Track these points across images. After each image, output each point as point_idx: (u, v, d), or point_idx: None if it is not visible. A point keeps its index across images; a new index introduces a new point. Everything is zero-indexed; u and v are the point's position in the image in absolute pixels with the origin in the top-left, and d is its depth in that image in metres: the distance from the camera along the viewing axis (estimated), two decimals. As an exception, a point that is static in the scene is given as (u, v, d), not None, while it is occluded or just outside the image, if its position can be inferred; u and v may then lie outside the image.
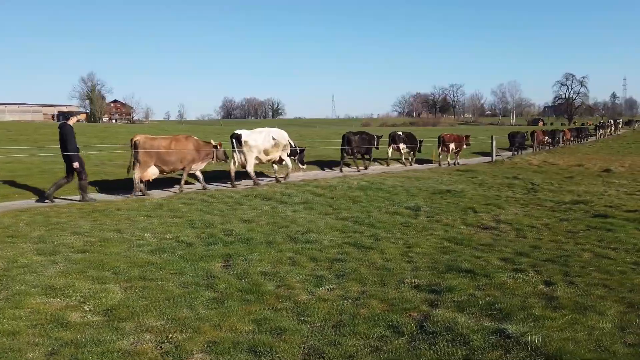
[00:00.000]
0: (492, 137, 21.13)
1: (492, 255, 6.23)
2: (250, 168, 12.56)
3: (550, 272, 5.52)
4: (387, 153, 19.16)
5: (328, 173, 15.69)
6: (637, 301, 4.63)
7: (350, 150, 16.71)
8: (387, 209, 9.39)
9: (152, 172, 10.91)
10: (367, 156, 17.68)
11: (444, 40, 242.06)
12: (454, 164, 19.83)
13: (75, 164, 9.58)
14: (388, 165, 18.77)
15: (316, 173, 15.52)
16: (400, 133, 19.39)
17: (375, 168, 17.81)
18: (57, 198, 9.89)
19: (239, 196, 9.94)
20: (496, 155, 20.63)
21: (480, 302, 4.59)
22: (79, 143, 9.97)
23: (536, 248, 6.62)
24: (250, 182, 12.50)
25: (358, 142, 16.92)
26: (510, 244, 6.87)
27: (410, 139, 19.40)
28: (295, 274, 5.31)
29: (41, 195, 9.98)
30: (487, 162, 20.22)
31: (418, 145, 19.65)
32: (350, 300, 4.62)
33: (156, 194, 10.65)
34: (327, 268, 5.62)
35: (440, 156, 19.79)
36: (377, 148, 18.37)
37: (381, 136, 18.42)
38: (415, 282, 5.18)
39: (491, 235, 7.49)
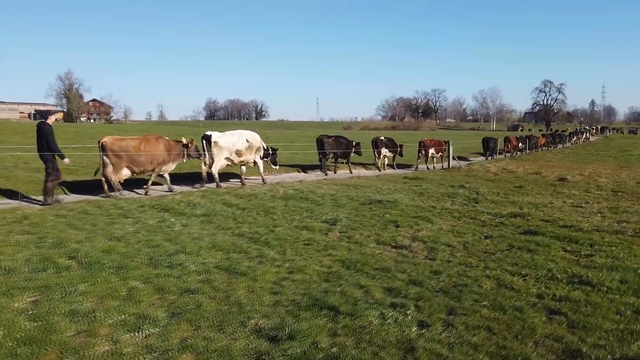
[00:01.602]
0: (448, 142, 20.39)
1: (378, 284, 5.31)
2: (215, 170, 12.61)
3: (433, 308, 4.61)
4: (375, 158, 19.47)
5: (263, 179, 14.69)
6: (516, 353, 3.73)
7: (324, 153, 16.78)
8: (300, 222, 8.44)
9: (124, 173, 10.81)
10: (342, 159, 17.71)
11: (430, 44, 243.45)
12: (441, 167, 20.20)
13: (66, 160, 9.78)
14: (380, 170, 19.08)
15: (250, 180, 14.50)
16: (382, 138, 19.69)
17: (316, 174, 16.87)
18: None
19: (134, 206, 8.87)
20: (452, 159, 19.85)
21: (319, 357, 3.64)
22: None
23: (436, 274, 5.72)
24: (210, 185, 12.37)
25: (332, 145, 16.86)
26: (410, 268, 5.96)
27: (392, 144, 19.55)
28: (116, 313, 4.30)
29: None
30: (443, 169, 19.46)
31: (399, 149, 20.02)
32: (154, 355, 3.63)
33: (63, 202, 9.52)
34: (168, 303, 4.62)
35: (421, 160, 20.03)
36: (360, 154, 18.59)
37: (359, 143, 18.55)
38: (260, 323, 4.22)
39: (397, 256, 6.59)
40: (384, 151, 19.09)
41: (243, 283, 5.24)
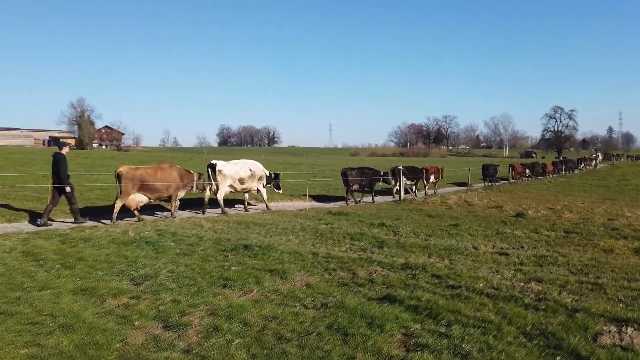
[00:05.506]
0: (397, 169, 18.24)
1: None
2: (220, 197, 13.34)
3: None
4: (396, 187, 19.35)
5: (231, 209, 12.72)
6: None
7: (347, 184, 16.83)
8: (92, 281, 6.38)
9: (139, 200, 11.39)
10: (368, 189, 17.48)
11: (444, 70, 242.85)
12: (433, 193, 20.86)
13: (68, 189, 10.55)
14: (393, 197, 18.87)
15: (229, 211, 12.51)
16: (400, 167, 19.54)
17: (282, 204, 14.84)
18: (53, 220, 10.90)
19: None
20: (405, 193, 17.64)
21: None
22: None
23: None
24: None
25: (356, 177, 16.79)
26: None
27: (412, 172, 19.76)
28: None
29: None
30: (394, 201, 17.27)
31: (423, 176, 20.06)
32: None
33: None
34: None
35: (427, 187, 20.80)
36: (388, 183, 18.55)
37: (387, 172, 18.38)
38: None
39: (146, 344, 4.51)
40: (402, 179, 19.42)
41: None
